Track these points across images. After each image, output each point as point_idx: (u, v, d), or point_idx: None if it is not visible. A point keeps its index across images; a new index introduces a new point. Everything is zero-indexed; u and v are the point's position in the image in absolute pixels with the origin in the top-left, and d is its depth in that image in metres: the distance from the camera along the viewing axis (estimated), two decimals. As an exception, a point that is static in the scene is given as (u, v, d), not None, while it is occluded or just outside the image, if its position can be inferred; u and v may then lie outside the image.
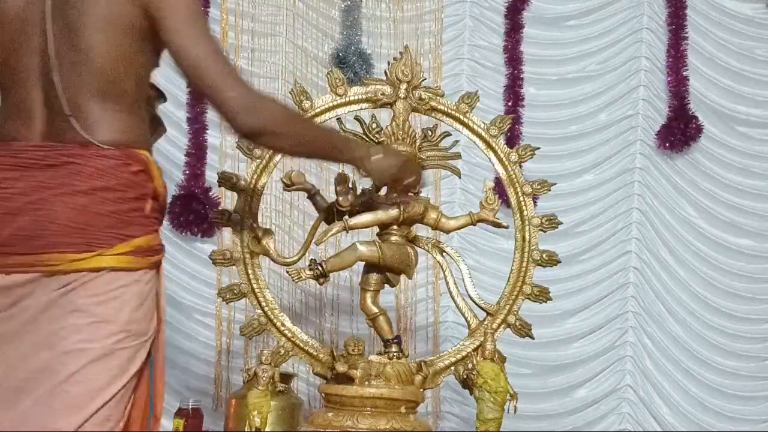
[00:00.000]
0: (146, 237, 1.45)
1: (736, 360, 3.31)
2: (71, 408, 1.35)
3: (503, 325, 2.28)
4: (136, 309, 1.42)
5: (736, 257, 3.37)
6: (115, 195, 1.41)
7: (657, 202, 3.37)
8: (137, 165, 1.44)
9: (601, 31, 3.40)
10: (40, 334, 1.38)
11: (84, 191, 1.39)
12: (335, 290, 3.08)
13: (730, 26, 3.41)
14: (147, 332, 1.46)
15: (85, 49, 1.42)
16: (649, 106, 3.39)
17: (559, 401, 3.27)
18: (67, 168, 1.40)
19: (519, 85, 3.30)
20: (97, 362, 1.37)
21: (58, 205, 1.38)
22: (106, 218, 1.40)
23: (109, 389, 1.38)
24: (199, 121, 3.05)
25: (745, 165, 3.39)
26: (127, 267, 1.41)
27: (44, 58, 1.44)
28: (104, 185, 1.40)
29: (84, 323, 1.37)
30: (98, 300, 1.38)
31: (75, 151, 1.40)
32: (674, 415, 3.27)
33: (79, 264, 1.38)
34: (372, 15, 3.25)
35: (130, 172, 1.43)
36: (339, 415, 2.05)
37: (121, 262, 1.41)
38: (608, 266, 3.35)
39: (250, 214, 2.20)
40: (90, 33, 1.42)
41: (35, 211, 1.38)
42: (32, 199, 1.39)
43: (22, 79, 1.46)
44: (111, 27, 1.43)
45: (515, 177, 2.31)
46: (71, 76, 1.42)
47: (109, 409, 1.38)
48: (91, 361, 1.37)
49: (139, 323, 1.43)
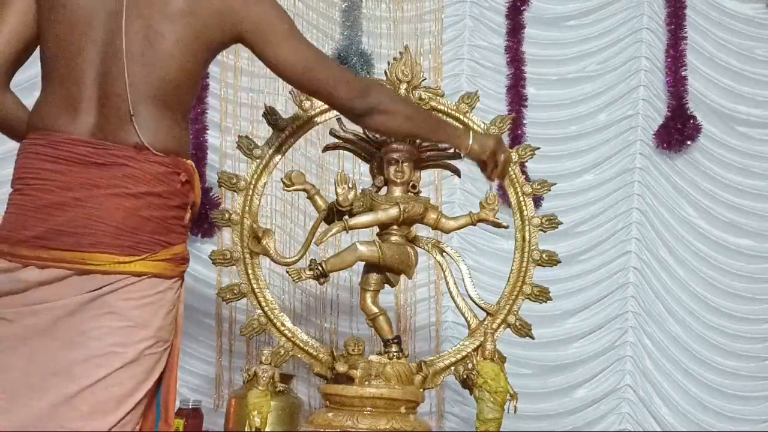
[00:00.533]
0: (182, 246, 1.47)
1: (735, 360, 3.31)
2: (100, 413, 1.33)
3: (503, 325, 2.28)
4: (166, 316, 1.44)
5: (736, 257, 3.37)
6: (161, 201, 1.42)
7: (657, 202, 3.37)
8: (185, 175, 1.45)
9: (601, 31, 3.40)
10: (67, 333, 1.36)
11: (135, 194, 1.39)
12: (335, 290, 3.08)
13: (730, 26, 3.41)
14: (170, 339, 1.46)
15: (162, 55, 1.41)
16: (649, 106, 3.39)
17: (559, 401, 3.27)
18: (120, 169, 1.38)
19: (522, 86, 3.30)
20: (127, 367, 1.37)
21: (109, 205, 1.37)
22: (152, 223, 1.41)
23: (136, 395, 1.38)
24: (200, 121, 3.05)
25: (745, 165, 3.39)
26: (165, 274, 1.42)
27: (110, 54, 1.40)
28: (154, 191, 1.41)
29: (118, 326, 1.36)
30: (136, 304, 1.38)
31: (129, 154, 1.39)
32: (674, 415, 3.27)
33: (123, 267, 1.37)
34: (372, 15, 3.25)
35: (178, 181, 1.44)
36: (339, 415, 2.05)
37: (161, 269, 1.42)
38: (608, 266, 3.35)
39: (250, 214, 2.20)
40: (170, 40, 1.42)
41: (81, 208, 1.36)
42: (78, 195, 1.37)
43: (78, 71, 1.41)
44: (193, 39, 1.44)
45: (515, 177, 2.31)
46: (140, 78, 1.41)
47: (132, 415, 1.38)
48: (123, 366, 1.36)
49: (166, 330, 1.44)
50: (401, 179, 2.17)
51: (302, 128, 2.26)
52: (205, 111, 3.07)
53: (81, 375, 1.34)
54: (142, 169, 1.40)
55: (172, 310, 1.46)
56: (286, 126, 2.24)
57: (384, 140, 2.21)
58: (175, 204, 1.44)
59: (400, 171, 2.17)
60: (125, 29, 1.40)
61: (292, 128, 2.25)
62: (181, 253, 1.46)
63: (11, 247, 1.38)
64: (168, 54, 1.42)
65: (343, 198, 2.08)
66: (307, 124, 2.26)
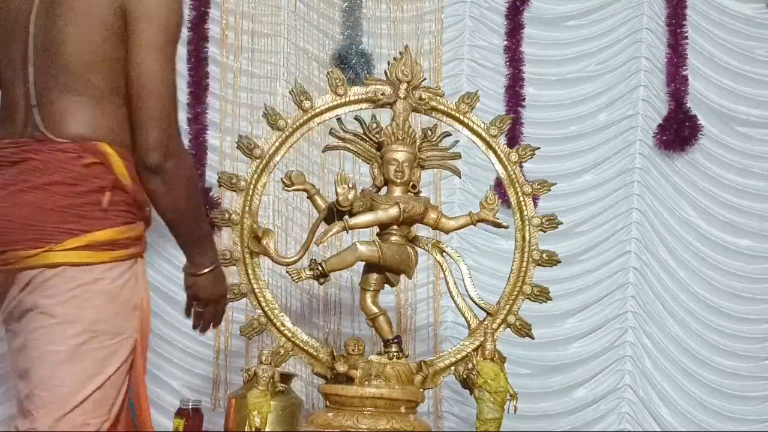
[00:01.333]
0: (107, 231, 1.39)
1: (735, 360, 3.30)
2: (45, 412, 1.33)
3: (503, 325, 2.29)
4: (104, 307, 1.38)
5: (736, 257, 3.36)
6: (67, 189, 1.38)
7: (656, 202, 3.37)
8: (91, 157, 1.39)
9: (601, 32, 3.40)
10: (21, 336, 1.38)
11: (37, 187, 1.37)
12: (336, 290, 3.07)
13: (731, 26, 3.40)
14: (125, 331, 1.41)
15: (57, 43, 1.40)
16: (649, 106, 3.38)
17: (559, 401, 3.27)
18: (26, 164, 1.38)
19: (520, 86, 3.30)
20: (65, 365, 1.34)
21: (16, 201, 1.37)
22: (57, 213, 1.37)
23: (80, 393, 1.35)
24: (200, 121, 3.05)
25: (745, 165, 3.38)
26: (85, 262, 1.37)
27: (26, 52, 1.43)
28: (56, 180, 1.38)
29: (49, 324, 1.35)
30: (59, 300, 1.36)
31: (32, 146, 1.39)
32: (673, 415, 3.27)
33: (30, 261, 1.36)
34: (372, 15, 3.25)
35: (82, 164, 1.39)
36: (339, 415, 2.05)
37: (76, 258, 1.36)
38: (608, 266, 3.34)
39: (250, 214, 2.20)
40: (63, 26, 1.40)
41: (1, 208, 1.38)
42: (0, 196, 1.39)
43: (10, 73, 1.45)
44: (83, 21, 1.40)
45: (515, 177, 2.31)
46: (42, 69, 1.41)
47: (84, 413, 1.35)
48: (60, 364, 1.34)
49: (109, 322, 1.39)
50: (401, 179, 2.17)
51: (302, 128, 2.26)
52: (204, 111, 3.07)
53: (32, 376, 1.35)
54: (45, 159, 1.38)
55: (115, 300, 1.40)
56: (285, 126, 2.24)
57: (384, 140, 2.21)
58: (85, 189, 1.39)
59: (400, 171, 2.17)
60: (33, 24, 1.42)
61: (291, 128, 2.25)
62: (105, 239, 1.39)
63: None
64: (62, 40, 1.40)
65: (343, 198, 2.08)
66: (307, 124, 2.27)
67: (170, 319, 2.97)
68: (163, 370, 2.96)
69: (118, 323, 1.40)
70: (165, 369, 2.96)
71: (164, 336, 2.96)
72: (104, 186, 1.40)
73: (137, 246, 1.45)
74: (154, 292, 2.95)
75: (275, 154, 2.25)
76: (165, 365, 2.96)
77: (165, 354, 2.96)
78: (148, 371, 2.86)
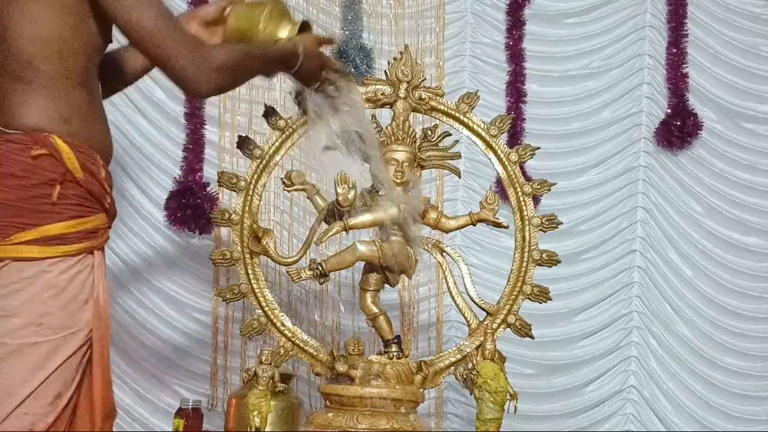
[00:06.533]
0: (58, 225, 1.36)
1: (743, 359, 3.28)
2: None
3: (503, 324, 2.28)
4: (50, 301, 1.36)
5: (743, 255, 3.34)
6: (16, 182, 1.35)
7: (662, 200, 3.34)
8: (41, 149, 1.36)
9: (604, 29, 3.38)
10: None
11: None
12: (336, 290, 3.07)
13: (735, 23, 3.38)
14: (73, 325, 1.38)
15: (8, 30, 1.37)
16: (653, 103, 3.36)
17: (564, 402, 3.25)
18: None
19: (521, 82, 3.28)
20: (9, 359, 1.33)
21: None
22: (5, 207, 1.34)
23: (24, 386, 1.33)
24: (198, 116, 3.03)
25: (751, 162, 3.36)
26: (32, 257, 1.34)
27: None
28: (5, 172, 1.35)
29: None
30: (2, 293, 1.33)
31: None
32: (679, 415, 3.25)
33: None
34: (373, 11, 3.23)
35: (29, 156, 1.35)
36: (339, 415, 2.05)
37: (23, 252, 1.34)
38: (613, 265, 3.32)
39: (249, 214, 2.20)
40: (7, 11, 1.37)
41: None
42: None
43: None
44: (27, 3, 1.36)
45: (515, 177, 2.30)
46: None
47: (27, 407, 1.33)
48: (3, 358, 1.33)
49: (55, 316, 1.36)
50: (401, 179, 2.17)
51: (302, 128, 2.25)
52: (203, 105, 3.05)
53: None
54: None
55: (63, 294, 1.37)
56: (286, 126, 2.24)
57: (384, 140, 2.20)
58: (35, 182, 1.35)
59: (400, 171, 2.17)
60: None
61: (291, 128, 2.24)
62: (56, 233, 1.36)
63: None
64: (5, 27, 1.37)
65: (343, 198, 2.08)
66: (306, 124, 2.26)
67: (167, 317, 2.97)
68: (163, 370, 2.95)
69: (64, 317, 1.37)
70: (164, 369, 2.95)
71: (164, 336, 2.96)
72: (54, 179, 1.37)
73: (91, 239, 1.42)
74: (154, 292, 2.96)
75: (275, 154, 2.25)
76: (164, 365, 2.95)
77: (164, 354, 2.96)
78: (148, 371, 2.93)
